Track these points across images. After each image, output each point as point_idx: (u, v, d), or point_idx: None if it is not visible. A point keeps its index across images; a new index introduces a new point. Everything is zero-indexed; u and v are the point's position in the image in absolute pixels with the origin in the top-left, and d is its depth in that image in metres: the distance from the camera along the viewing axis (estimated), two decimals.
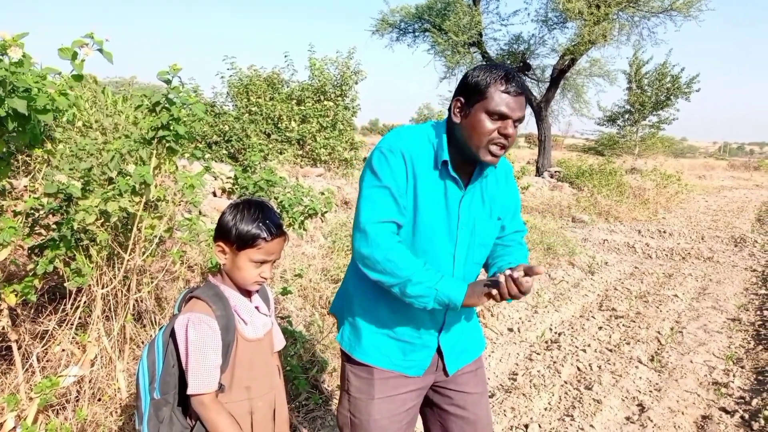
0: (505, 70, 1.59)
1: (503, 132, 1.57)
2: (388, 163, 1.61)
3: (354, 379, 1.79)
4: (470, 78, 1.61)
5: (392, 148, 1.63)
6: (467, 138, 1.61)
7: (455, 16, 16.19)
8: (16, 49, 1.95)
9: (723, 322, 5.21)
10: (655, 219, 12.03)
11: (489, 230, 1.78)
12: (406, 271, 1.55)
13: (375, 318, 1.75)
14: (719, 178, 26.48)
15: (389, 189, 1.61)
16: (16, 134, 2.12)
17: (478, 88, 1.58)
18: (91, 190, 2.47)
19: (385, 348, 1.75)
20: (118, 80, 30.19)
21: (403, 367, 1.75)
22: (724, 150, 72.88)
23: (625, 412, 3.39)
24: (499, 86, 1.56)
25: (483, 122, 1.57)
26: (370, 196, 1.62)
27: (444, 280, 1.56)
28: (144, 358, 1.61)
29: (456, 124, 1.64)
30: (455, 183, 1.68)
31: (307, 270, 4.55)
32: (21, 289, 2.33)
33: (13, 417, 2.26)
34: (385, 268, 1.57)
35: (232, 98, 12.27)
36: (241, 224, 1.53)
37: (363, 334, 1.76)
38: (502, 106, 1.55)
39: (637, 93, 25.79)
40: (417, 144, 1.66)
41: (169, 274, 3.31)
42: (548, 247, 7.43)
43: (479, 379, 1.90)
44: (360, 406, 1.76)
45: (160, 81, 2.39)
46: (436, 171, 1.66)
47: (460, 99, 1.63)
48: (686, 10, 14.95)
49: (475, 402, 1.85)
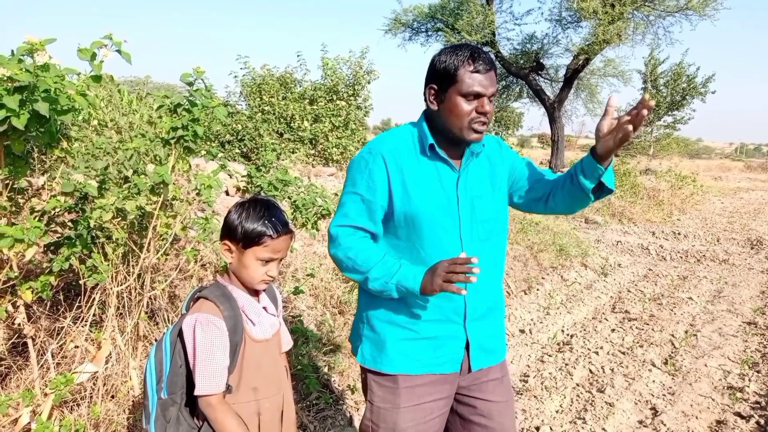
0: (470, 49, 1.61)
1: (481, 110, 1.62)
2: (367, 167, 1.67)
3: (378, 389, 1.75)
4: (438, 63, 1.64)
5: (371, 150, 1.69)
6: (447, 122, 1.65)
7: (468, 15, 16.12)
8: (42, 53, 1.97)
9: (738, 325, 5.14)
10: (669, 220, 11.91)
11: (491, 206, 1.78)
12: (364, 266, 1.61)
13: (397, 324, 1.73)
14: (735, 180, 26.14)
15: (361, 195, 1.66)
16: (36, 135, 2.15)
17: (448, 73, 1.61)
18: (107, 188, 2.50)
19: (413, 352, 1.72)
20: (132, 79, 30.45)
21: (436, 365, 1.72)
22: (740, 151, 71.92)
23: (638, 415, 3.36)
24: (468, 67, 1.59)
25: (460, 105, 1.61)
26: (342, 202, 1.71)
27: (401, 270, 1.58)
28: (152, 357, 1.61)
29: (434, 111, 1.68)
30: (447, 165, 1.70)
31: (318, 269, 4.56)
32: (37, 286, 2.35)
33: (29, 412, 2.28)
34: (347, 266, 1.65)
35: (245, 97, 12.33)
36: (246, 222, 1.53)
37: (387, 345, 1.73)
38: (474, 86, 1.59)
39: (652, 93, 25.53)
40: (398, 141, 1.71)
41: (182, 272, 3.33)
42: (561, 248, 7.38)
43: (505, 388, 1.86)
44: (385, 416, 1.73)
45: (181, 82, 2.43)
46: (424, 157, 1.70)
47: (432, 86, 1.66)
48: (702, 10, 14.76)
49: (500, 411, 1.81)
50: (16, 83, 1.92)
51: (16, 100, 1.90)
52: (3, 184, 2.23)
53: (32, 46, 1.96)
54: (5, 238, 2.07)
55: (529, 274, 6.47)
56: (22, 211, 2.33)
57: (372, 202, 1.66)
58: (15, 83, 1.92)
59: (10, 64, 1.90)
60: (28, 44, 1.96)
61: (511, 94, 20.68)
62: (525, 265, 6.58)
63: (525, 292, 5.99)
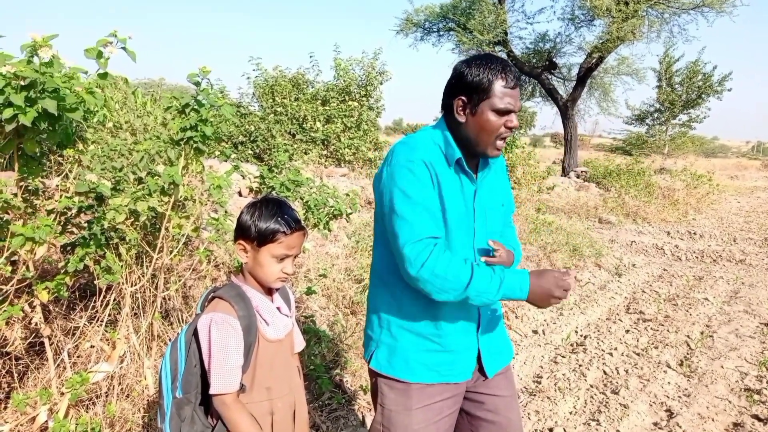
0: (502, 63, 1.60)
1: (510, 126, 1.61)
2: (415, 177, 1.59)
3: (389, 392, 1.75)
4: (469, 76, 1.60)
5: (413, 160, 1.61)
6: (475, 136, 1.63)
7: (480, 14, 16.07)
8: (46, 49, 2.00)
9: (756, 326, 5.07)
10: (684, 220, 11.78)
11: (499, 218, 1.81)
12: (456, 283, 1.53)
13: (420, 335, 1.71)
14: (752, 179, 25.75)
15: (422, 205, 1.57)
16: (47, 134, 2.18)
17: (481, 87, 1.58)
18: (121, 189, 2.52)
19: (432, 363, 1.71)
20: (147, 82, 30.78)
21: (452, 375, 1.73)
22: (757, 149, 70.85)
23: (653, 417, 3.33)
24: (501, 82, 1.58)
25: (492, 120, 1.60)
26: (403, 217, 1.57)
27: (505, 282, 1.57)
28: (167, 356, 1.63)
29: (461, 123, 1.65)
30: (468, 178, 1.70)
31: (330, 270, 4.57)
32: (53, 286, 2.38)
33: (46, 411, 2.32)
34: (436, 286, 1.53)
35: (257, 99, 12.39)
36: (259, 221, 1.55)
37: (409, 354, 1.71)
38: (507, 102, 1.58)
39: (667, 91, 25.25)
40: (429, 150, 1.67)
41: (196, 272, 3.35)
42: (574, 248, 7.32)
43: (509, 382, 1.88)
44: (396, 418, 1.72)
45: (189, 83, 2.44)
46: (450, 170, 1.68)
47: (461, 98, 1.63)
48: (719, 5, 14.57)
49: (507, 405, 1.83)
50: (23, 81, 1.95)
51: (22, 97, 1.93)
52: (18, 184, 2.26)
53: (36, 43, 1.99)
54: (17, 236, 2.10)
55: None
56: (38, 212, 2.36)
57: (431, 207, 1.59)
58: (21, 81, 1.95)
59: (19, 64, 1.93)
60: (33, 42, 1.99)
61: (523, 94, 20.57)
62: (538, 266, 6.54)
63: None
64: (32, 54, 2.02)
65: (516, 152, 11.81)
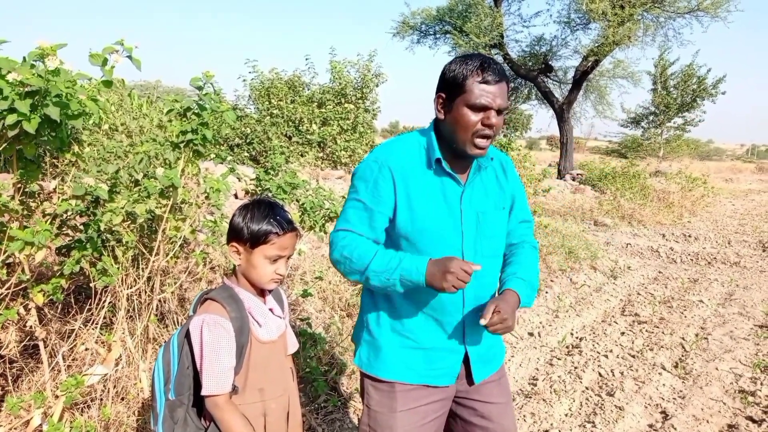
0: (481, 59, 1.59)
1: (486, 123, 1.59)
2: (372, 177, 1.65)
3: (374, 393, 1.76)
4: (448, 72, 1.62)
5: (378, 160, 1.67)
6: (453, 133, 1.63)
7: (476, 17, 16.12)
8: (53, 57, 1.99)
9: (750, 328, 5.09)
10: (680, 223, 11.82)
11: (495, 221, 1.77)
12: (359, 262, 1.57)
13: (395, 331, 1.73)
14: (747, 182, 25.86)
15: (363, 203, 1.65)
16: (47, 139, 2.17)
17: (456, 82, 1.59)
18: (117, 192, 2.52)
19: (410, 361, 1.72)
20: (143, 84, 30.73)
21: (431, 377, 1.72)
22: (751, 152, 71.25)
23: (648, 419, 3.34)
24: (477, 77, 1.57)
25: (466, 116, 1.59)
26: (344, 209, 1.70)
27: (403, 262, 1.55)
28: (159, 358, 1.63)
29: (441, 121, 1.67)
30: (453, 179, 1.69)
31: (326, 272, 4.57)
32: (49, 289, 2.38)
33: (40, 414, 2.31)
34: (346, 267, 1.61)
35: (253, 101, 12.41)
36: (252, 223, 1.56)
37: (384, 351, 1.73)
38: (482, 97, 1.57)
39: (662, 94, 25.39)
40: (406, 152, 1.68)
41: (192, 275, 3.35)
42: (570, 250, 7.34)
43: (503, 389, 1.87)
44: (381, 420, 1.73)
45: (191, 86, 2.44)
46: (430, 171, 1.68)
47: (441, 95, 1.65)
48: (714, 11, 14.67)
49: (500, 412, 1.81)
50: (28, 88, 1.94)
51: (27, 104, 1.92)
52: (15, 187, 2.25)
53: (43, 51, 1.98)
54: (16, 241, 2.10)
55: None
56: (34, 215, 2.35)
57: (374, 210, 1.64)
58: (26, 88, 1.94)
59: (22, 69, 1.93)
60: (40, 49, 1.99)
61: (519, 96, 20.65)
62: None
63: None
64: (37, 61, 2.01)
65: (512, 155, 11.83)
